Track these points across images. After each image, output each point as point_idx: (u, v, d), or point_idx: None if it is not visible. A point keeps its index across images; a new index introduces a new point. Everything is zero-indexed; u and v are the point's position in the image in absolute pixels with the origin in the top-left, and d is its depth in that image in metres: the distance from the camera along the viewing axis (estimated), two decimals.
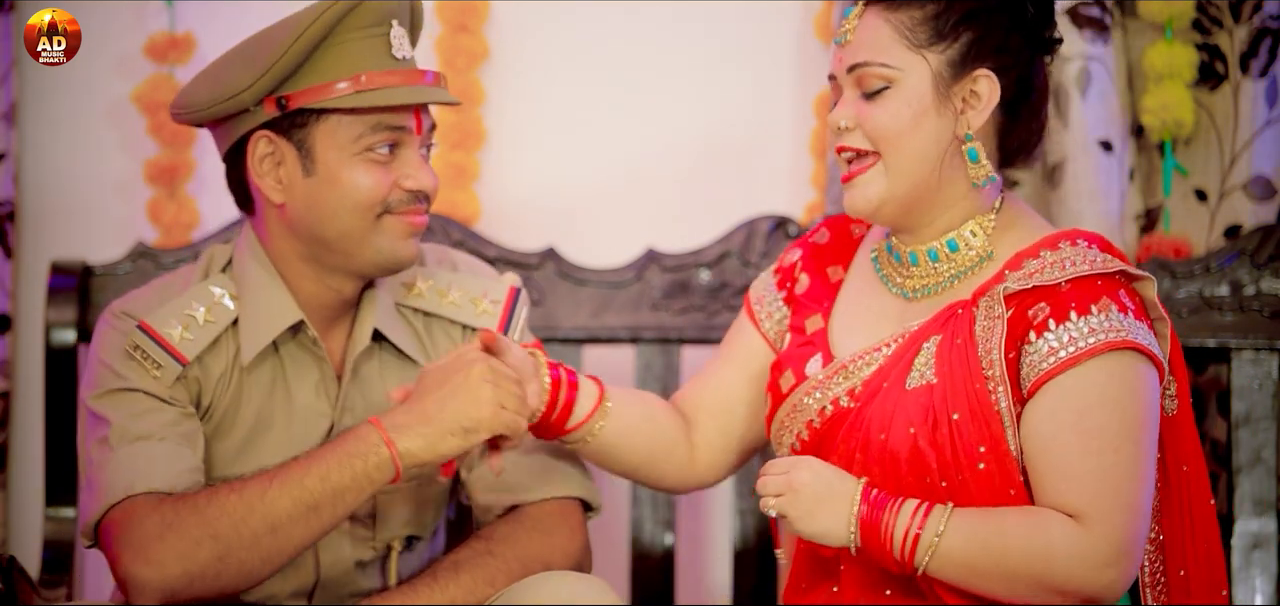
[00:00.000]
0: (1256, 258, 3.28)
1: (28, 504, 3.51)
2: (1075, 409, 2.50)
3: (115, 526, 2.59)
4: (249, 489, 2.58)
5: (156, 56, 3.50)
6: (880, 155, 2.60)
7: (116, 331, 2.72)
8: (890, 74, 2.59)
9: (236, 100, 2.68)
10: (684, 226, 3.50)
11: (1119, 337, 2.50)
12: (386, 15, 2.69)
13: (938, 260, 2.65)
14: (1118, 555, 2.46)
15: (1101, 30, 3.37)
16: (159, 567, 2.55)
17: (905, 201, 2.61)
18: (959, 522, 2.49)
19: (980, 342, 2.55)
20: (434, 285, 2.86)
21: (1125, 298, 2.54)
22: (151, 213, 3.52)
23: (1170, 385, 2.60)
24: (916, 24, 2.58)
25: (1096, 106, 3.37)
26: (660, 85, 3.57)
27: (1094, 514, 2.46)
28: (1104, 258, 2.56)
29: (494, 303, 2.86)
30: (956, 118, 2.60)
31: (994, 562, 2.48)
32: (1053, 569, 2.47)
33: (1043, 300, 2.53)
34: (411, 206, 2.72)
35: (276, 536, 2.56)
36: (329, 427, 2.77)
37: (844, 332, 2.71)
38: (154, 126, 3.50)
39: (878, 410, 2.59)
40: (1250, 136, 3.37)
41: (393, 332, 2.80)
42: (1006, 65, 2.60)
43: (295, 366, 2.77)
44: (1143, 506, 2.49)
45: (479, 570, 2.68)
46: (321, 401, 2.77)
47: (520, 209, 3.54)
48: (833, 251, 2.80)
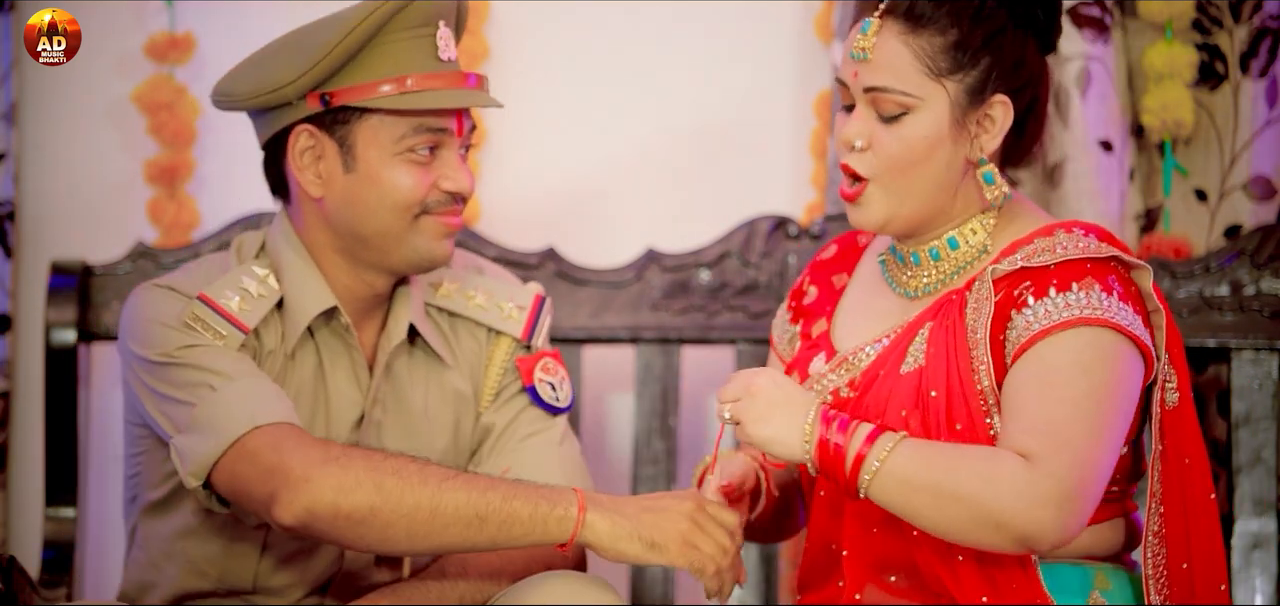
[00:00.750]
0: (1256, 258, 3.28)
1: (28, 504, 3.51)
2: (1044, 369, 2.51)
3: (256, 453, 2.56)
4: (431, 469, 2.56)
5: (156, 56, 3.50)
6: (876, 180, 2.60)
7: (166, 299, 2.71)
8: (910, 102, 2.58)
9: (279, 93, 2.68)
10: (684, 226, 3.50)
11: (1095, 315, 2.51)
12: (434, 16, 2.70)
13: (939, 258, 2.65)
14: (1061, 497, 2.44)
15: (1101, 30, 3.37)
16: (312, 489, 2.52)
17: (911, 218, 2.63)
18: (908, 447, 2.49)
19: (969, 325, 2.57)
20: (460, 287, 2.87)
21: (1115, 283, 2.54)
22: (151, 213, 3.52)
23: (1170, 378, 2.60)
24: (938, 52, 2.57)
25: (1096, 106, 3.37)
26: (660, 85, 3.57)
27: (1042, 453, 2.45)
28: (1097, 244, 2.57)
29: (520, 308, 2.87)
30: (971, 143, 2.60)
31: (936, 481, 2.46)
32: (995, 496, 2.44)
33: (1028, 279, 2.55)
34: (449, 207, 2.73)
35: (433, 521, 2.53)
36: (360, 417, 2.78)
37: (847, 330, 2.73)
38: (154, 126, 3.50)
39: (875, 397, 2.61)
40: (1250, 136, 3.37)
41: (425, 331, 2.81)
42: (1022, 83, 2.61)
43: (329, 352, 2.78)
44: (1095, 461, 2.47)
45: (484, 568, 2.69)
46: (353, 389, 2.78)
47: (520, 209, 3.54)
48: (839, 262, 2.83)
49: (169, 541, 2.79)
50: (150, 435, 2.75)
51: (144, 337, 2.69)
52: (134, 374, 2.71)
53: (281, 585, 2.79)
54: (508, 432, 2.83)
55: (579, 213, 3.57)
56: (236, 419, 2.59)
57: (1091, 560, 2.63)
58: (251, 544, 2.77)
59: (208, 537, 2.77)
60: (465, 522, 2.53)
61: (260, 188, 3.09)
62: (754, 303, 3.37)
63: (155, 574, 2.82)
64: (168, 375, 2.66)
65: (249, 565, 2.78)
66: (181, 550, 2.79)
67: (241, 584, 2.79)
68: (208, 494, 2.65)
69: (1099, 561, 2.63)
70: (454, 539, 2.54)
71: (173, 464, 2.69)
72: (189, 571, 2.79)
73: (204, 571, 2.79)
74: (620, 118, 3.58)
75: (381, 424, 2.79)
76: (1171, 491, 2.60)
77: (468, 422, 2.85)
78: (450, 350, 2.85)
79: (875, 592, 2.60)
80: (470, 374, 2.86)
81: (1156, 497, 2.59)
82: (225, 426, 2.59)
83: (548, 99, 3.54)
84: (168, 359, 2.66)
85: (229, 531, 2.76)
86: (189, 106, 3.50)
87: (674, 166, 3.58)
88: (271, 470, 2.55)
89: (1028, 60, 2.61)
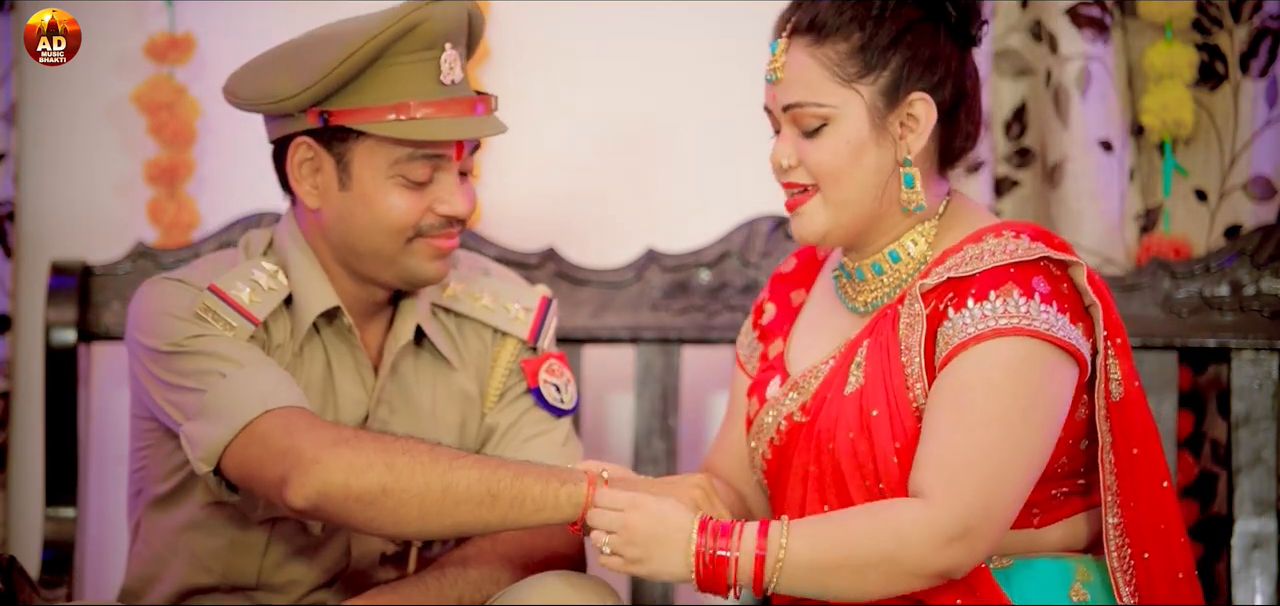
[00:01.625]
0: (1256, 258, 3.28)
1: (28, 504, 3.51)
2: (952, 390, 2.51)
3: (267, 435, 2.57)
4: (441, 449, 2.56)
5: (156, 56, 3.50)
6: (820, 188, 2.61)
7: (177, 291, 2.71)
8: (826, 112, 2.59)
9: (280, 105, 2.68)
10: (684, 226, 3.50)
11: (1011, 324, 2.50)
12: (439, 38, 2.68)
13: (882, 272, 2.66)
14: (961, 531, 2.45)
15: (1101, 30, 3.37)
16: (323, 470, 2.52)
17: (851, 227, 2.63)
18: (801, 529, 2.49)
19: (902, 341, 2.57)
20: (467, 288, 2.87)
21: (1040, 283, 2.52)
22: (151, 213, 3.52)
23: (1114, 369, 2.58)
24: (844, 58, 2.58)
25: (1096, 106, 3.37)
26: (660, 84, 3.57)
27: (938, 490, 2.47)
28: (1027, 245, 2.55)
29: (526, 309, 2.88)
30: (897, 143, 2.60)
31: (844, 557, 2.47)
32: (902, 550, 2.46)
33: (951, 291, 2.54)
34: (444, 230, 2.73)
35: (445, 499, 2.53)
36: (365, 417, 2.78)
37: (800, 351, 2.74)
38: (154, 126, 3.50)
39: (825, 420, 2.61)
40: (1250, 136, 3.37)
41: (431, 332, 2.82)
42: (939, 78, 2.60)
43: (335, 351, 2.78)
44: (998, 488, 2.47)
45: (485, 567, 2.69)
46: (358, 389, 2.79)
47: (520, 209, 3.54)
48: (797, 277, 2.84)
49: (173, 535, 2.79)
50: (158, 428, 2.75)
51: (153, 328, 2.69)
52: (142, 365, 2.71)
53: (285, 581, 2.80)
54: (511, 433, 2.83)
55: (579, 213, 3.57)
56: (247, 403, 2.59)
57: (1071, 553, 2.63)
58: (256, 539, 2.77)
59: (213, 532, 2.77)
60: (477, 501, 2.53)
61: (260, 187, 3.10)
62: (754, 303, 3.37)
63: (159, 568, 2.82)
64: (177, 364, 2.66)
65: (253, 560, 2.78)
66: (186, 544, 2.79)
67: (245, 579, 2.79)
68: (218, 481, 2.66)
69: (1079, 554, 2.64)
70: (465, 517, 2.54)
71: (179, 457, 2.70)
72: (193, 566, 2.79)
73: (208, 566, 2.79)
74: (620, 118, 3.58)
75: (387, 424, 2.79)
76: (1124, 482, 2.59)
77: (473, 423, 2.86)
78: (456, 351, 2.85)
79: None
80: (476, 374, 2.86)
81: (1112, 490, 2.58)
82: (236, 410, 2.60)
83: (548, 99, 3.54)
84: (176, 348, 2.66)
85: (234, 526, 2.76)
86: (189, 106, 3.50)
87: (674, 167, 3.58)
88: (283, 452, 2.55)
89: (943, 55, 2.60)
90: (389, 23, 2.64)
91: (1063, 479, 2.60)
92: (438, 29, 2.67)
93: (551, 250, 3.42)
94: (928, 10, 2.60)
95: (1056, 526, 2.62)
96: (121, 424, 3.46)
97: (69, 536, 3.31)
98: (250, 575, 2.79)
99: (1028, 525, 2.60)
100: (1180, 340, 3.28)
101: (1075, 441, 2.59)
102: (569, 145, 3.57)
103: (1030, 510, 2.59)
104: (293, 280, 2.76)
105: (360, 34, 2.64)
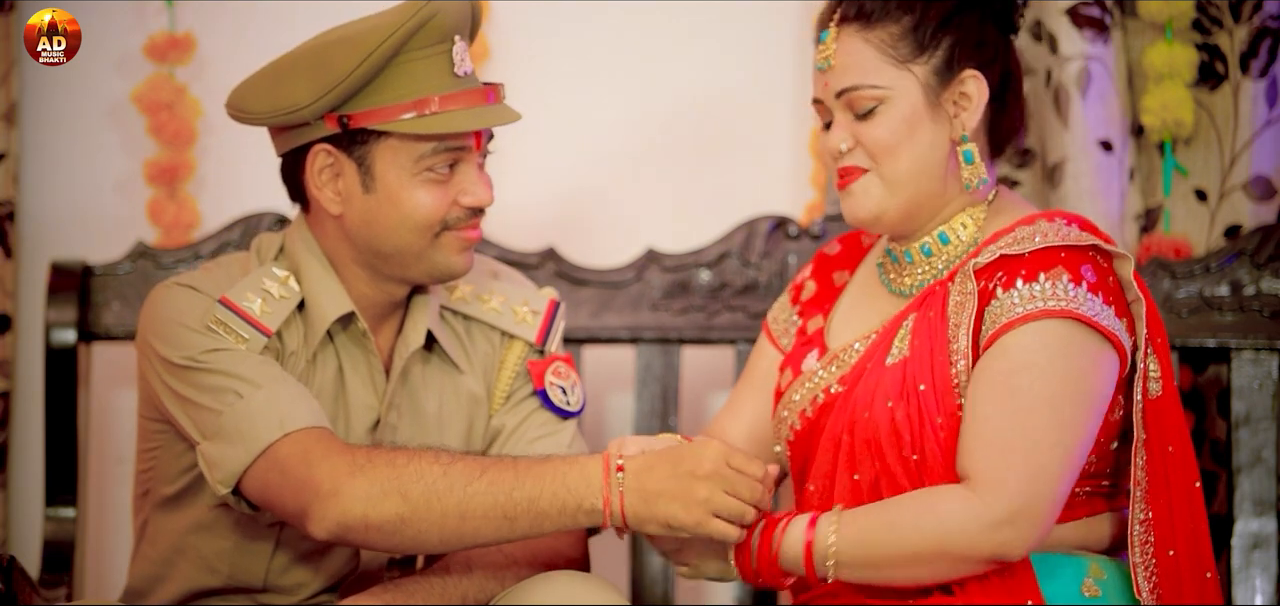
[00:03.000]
0: (1256, 258, 3.28)
1: (28, 504, 3.51)
2: (1001, 372, 2.53)
3: (286, 462, 2.58)
4: (454, 469, 2.55)
5: (156, 56, 3.50)
6: (876, 166, 2.64)
7: (189, 300, 2.71)
8: (880, 93, 2.63)
9: (296, 115, 2.66)
10: (684, 226, 3.50)
11: (1059, 307, 2.52)
12: (449, 31, 2.68)
13: (930, 254, 2.68)
14: (1010, 516, 2.49)
15: (1101, 30, 3.37)
16: (343, 502, 2.54)
17: (904, 207, 2.65)
18: (851, 520, 2.53)
19: (951, 318, 2.59)
20: (475, 291, 2.88)
21: (1088, 272, 2.55)
22: (151, 213, 3.52)
23: (1153, 368, 2.61)
24: (896, 40, 2.62)
25: (1096, 106, 3.37)
26: (660, 85, 3.57)
27: (985, 475, 2.50)
28: (1076, 232, 2.59)
29: (534, 312, 2.88)
30: (951, 122, 2.64)
31: (895, 551, 2.52)
32: (949, 538, 2.50)
33: (1001, 269, 2.57)
34: (469, 221, 2.73)
35: (464, 524, 2.54)
36: (375, 421, 2.78)
37: (841, 328, 2.76)
38: (154, 126, 3.50)
39: (862, 389, 2.63)
40: (1250, 136, 3.37)
41: (440, 336, 2.82)
42: (989, 59, 2.65)
43: (348, 357, 2.78)
44: (1047, 471, 2.50)
45: (489, 566, 2.69)
46: (369, 394, 2.79)
47: (520, 209, 3.54)
48: (841, 259, 2.86)
49: (181, 536, 2.79)
50: (167, 430, 2.75)
51: (166, 338, 2.69)
52: (155, 372, 2.70)
53: (292, 583, 2.80)
54: (517, 434, 2.83)
55: (579, 213, 3.57)
56: (265, 427, 2.60)
57: (1086, 551, 2.64)
58: (264, 541, 2.77)
59: (221, 533, 2.77)
60: (496, 523, 2.55)
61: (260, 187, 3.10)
62: (754, 302, 3.37)
63: (165, 570, 2.82)
64: (192, 379, 2.66)
65: (261, 562, 2.79)
66: (194, 545, 2.79)
67: (252, 581, 2.79)
68: (237, 499, 2.66)
69: (1093, 552, 2.64)
70: (488, 536, 2.56)
71: (189, 459, 2.70)
72: (200, 568, 2.79)
73: (215, 568, 2.79)
74: (620, 118, 3.58)
75: (396, 428, 2.79)
76: (1156, 480, 2.61)
77: (480, 424, 2.86)
78: (465, 354, 2.85)
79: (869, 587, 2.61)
80: (483, 376, 2.86)
81: (1141, 487, 2.60)
82: (253, 435, 2.60)
83: (547, 99, 3.54)
84: (192, 362, 2.66)
85: (242, 528, 2.76)
86: (189, 106, 3.50)
87: (674, 167, 3.58)
88: (301, 483, 2.57)
89: (990, 39, 2.65)
90: (402, 20, 2.64)
91: (1087, 478, 2.61)
92: (448, 22, 2.67)
93: (551, 250, 3.42)
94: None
95: (1075, 524, 2.63)
96: (121, 424, 3.47)
97: (69, 536, 3.30)
98: (257, 577, 2.79)
99: None
100: (1180, 340, 3.28)
101: (1108, 441, 2.61)
102: (569, 145, 3.57)
103: None
104: (305, 286, 2.76)
105: (374, 34, 2.63)
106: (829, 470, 2.65)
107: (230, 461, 2.61)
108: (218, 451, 2.62)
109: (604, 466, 2.54)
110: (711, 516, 2.51)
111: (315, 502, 2.55)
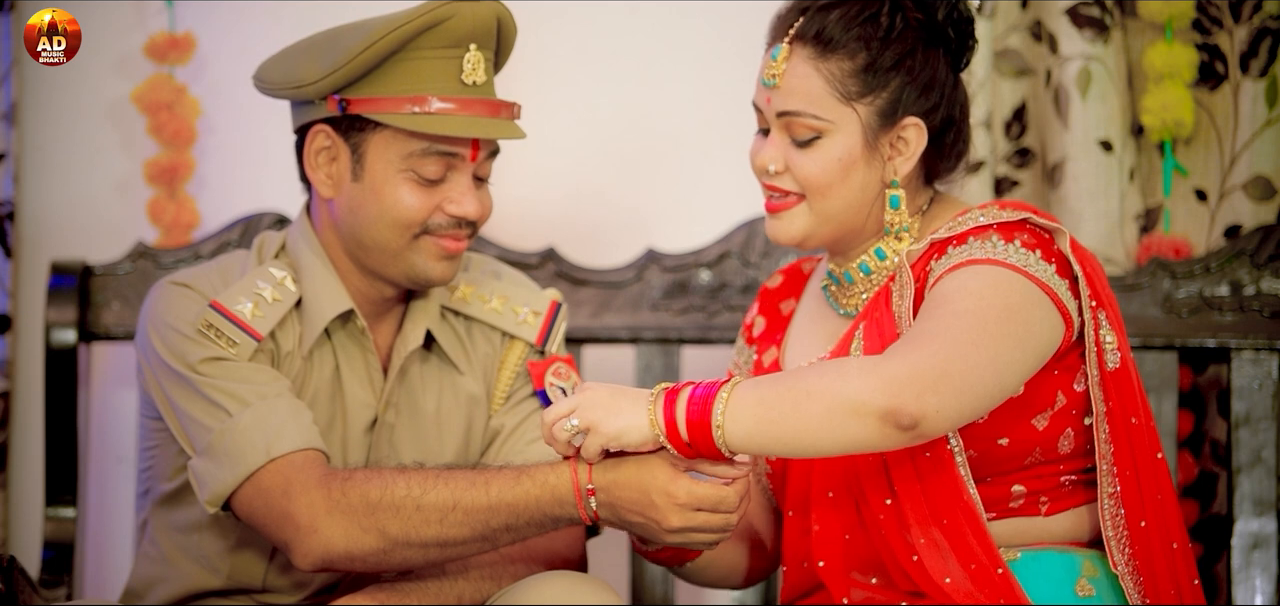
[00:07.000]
0: (1256, 258, 3.28)
1: (28, 504, 3.51)
2: (930, 302, 2.52)
3: (268, 491, 2.61)
4: (428, 500, 2.55)
5: (156, 56, 3.50)
6: (805, 198, 2.64)
7: (185, 302, 2.72)
8: (822, 125, 2.62)
9: (302, 91, 2.70)
10: (684, 226, 3.50)
11: (989, 256, 2.51)
12: (464, 38, 2.69)
13: (870, 272, 2.70)
14: (911, 375, 2.40)
15: (1101, 30, 3.37)
16: (324, 539, 2.57)
17: (833, 235, 2.68)
18: (751, 379, 2.47)
19: (895, 312, 2.60)
20: (477, 291, 2.88)
21: (1022, 235, 2.55)
22: (151, 213, 3.52)
23: (1109, 338, 2.60)
24: (847, 76, 2.61)
25: (1096, 106, 3.37)
26: (661, 85, 3.57)
27: (896, 348, 2.46)
28: (1009, 213, 2.58)
29: (535, 313, 2.88)
30: (885, 164, 2.64)
31: (785, 387, 2.43)
32: (846, 385, 2.41)
33: (934, 250, 2.58)
34: (452, 231, 2.73)
35: (445, 550, 2.58)
36: (373, 419, 2.79)
37: (796, 353, 2.77)
38: (154, 126, 3.50)
39: None
40: (1250, 136, 3.37)
41: (440, 336, 2.82)
42: (934, 105, 2.63)
43: (345, 355, 2.79)
44: (957, 360, 2.42)
45: (486, 566, 2.69)
46: (367, 393, 2.79)
47: (520, 209, 3.54)
48: (785, 289, 2.88)
49: (183, 534, 2.80)
50: (165, 427, 2.75)
51: (164, 342, 2.71)
52: (153, 374, 2.72)
53: (292, 583, 2.80)
54: (516, 435, 2.84)
55: (579, 213, 3.57)
56: (251, 449, 2.62)
57: (1077, 547, 2.64)
58: (264, 542, 2.78)
59: (221, 532, 2.78)
60: (477, 546, 2.58)
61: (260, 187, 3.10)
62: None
63: (166, 569, 2.82)
64: (186, 389, 2.68)
65: (261, 562, 2.80)
66: (196, 543, 2.79)
67: (251, 582, 2.80)
68: (227, 514, 2.69)
69: (1085, 548, 2.64)
70: (472, 552, 2.59)
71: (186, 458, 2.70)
72: (201, 567, 2.80)
73: (216, 567, 2.79)
74: (620, 118, 3.58)
75: (394, 427, 2.80)
76: (1121, 451, 2.60)
77: (479, 425, 2.86)
78: (464, 354, 2.85)
79: (860, 594, 2.61)
80: (483, 376, 2.87)
81: (1108, 460, 2.59)
82: (239, 458, 2.62)
83: (547, 99, 3.54)
84: (189, 372, 2.67)
85: (242, 528, 2.77)
86: (189, 106, 3.50)
87: (674, 167, 3.58)
88: (283, 516, 2.59)
89: (939, 80, 2.64)
90: (414, 16, 2.66)
91: (1070, 460, 2.61)
92: (463, 28, 2.68)
93: (551, 250, 3.42)
94: (930, 34, 2.62)
95: (1063, 516, 2.63)
96: (121, 424, 3.47)
97: (69, 536, 3.31)
98: (257, 577, 2.80)
99: (1035, 513, 2.62)
100: (1180, 340, 3.28)
101: (1079, 414, 2.60)
102: (569, 145, 3.57)
103: (1038, 499, 2.61)
104: (304, 284, 2.76)
105: (384, 24, 2.66)
106: (803, 487, 2.67)
107: (216, 483, 2.64)
108: (206, 470, 2.65)
109: (576, 491, 2.52)
110: (680, 534, 2.52)
111: (296, 538, 2.58)
